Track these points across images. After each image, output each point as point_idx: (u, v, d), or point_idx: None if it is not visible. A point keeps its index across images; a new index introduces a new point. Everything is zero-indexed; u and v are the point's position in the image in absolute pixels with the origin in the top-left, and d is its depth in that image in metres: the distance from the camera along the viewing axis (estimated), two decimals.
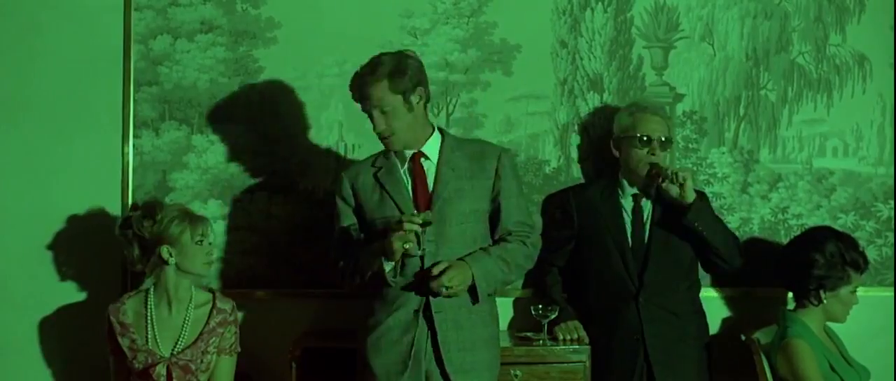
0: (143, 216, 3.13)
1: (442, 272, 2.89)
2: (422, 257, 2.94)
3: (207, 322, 3.15)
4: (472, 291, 2.96)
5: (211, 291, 3.23)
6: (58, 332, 3.62)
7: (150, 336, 3.12)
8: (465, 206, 3.01)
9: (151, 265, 3.15)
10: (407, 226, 2.80)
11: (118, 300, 3.19)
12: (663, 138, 3.36)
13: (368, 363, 2.97)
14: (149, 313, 3.14)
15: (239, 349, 3.22)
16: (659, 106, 3.52)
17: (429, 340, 2.95)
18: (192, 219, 3.14)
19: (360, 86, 2.96)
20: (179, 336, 3.12)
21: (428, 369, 2.95)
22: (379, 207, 3.01)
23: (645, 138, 3.35)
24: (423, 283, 2.92)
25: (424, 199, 3.00)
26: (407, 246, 2.84)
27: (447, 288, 2.88)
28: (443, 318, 2.95)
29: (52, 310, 3.63)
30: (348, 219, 3.08)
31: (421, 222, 2.82)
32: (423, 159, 3.03)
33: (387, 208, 2.99)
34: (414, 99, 2.96)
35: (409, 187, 3.02)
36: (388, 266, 2.88)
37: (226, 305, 3.20)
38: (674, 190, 3.27)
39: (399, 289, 2.96)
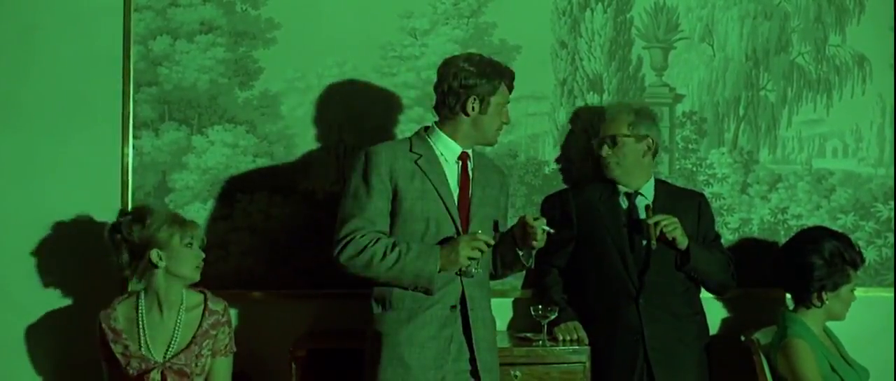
0: (133, 221, 3.12)
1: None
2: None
3: (200, 325, 3.13)
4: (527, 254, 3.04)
5: (202, 292, 3.22)
6: (57, 333, 3.61)
7: (142, 342, 3.11)
8: (490, 212, 3.07)
9: (141, 270, 3.13)
10: (482, 244, 2.87)
11: (109, 306, 3.17)
12: (609, 138, 3.40)
13: (401, 357, 2.91)
14: (140, 319, 3.13)
15: (234, 349, 3.21)
16: (627, 104, 3.53)
17: (462, 336, 2.96)
18: (182, 223, 3.14)
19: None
20: (171, 341, 3.11)
21: (452, 366, 2.94)
22: (420, 197, 2.96)
23: (597, 139, 3.46)
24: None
25: (466, 200, 3.01)
26: (470, 262, 2.89)
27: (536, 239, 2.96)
28: (476, 316, 2.97)
29: (51, 311, 3.62)
30: (382, 201, 2.94)
31: (492, 243, 2.91)
32: (468, 160, 3.07)
33: (429, 200, 2.96)
34: None
35: (455, 183, 3.02)
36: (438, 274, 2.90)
37: (218, 306, 3.18)
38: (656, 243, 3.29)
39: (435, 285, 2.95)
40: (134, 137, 3.64)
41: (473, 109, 3.00)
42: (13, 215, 3.63)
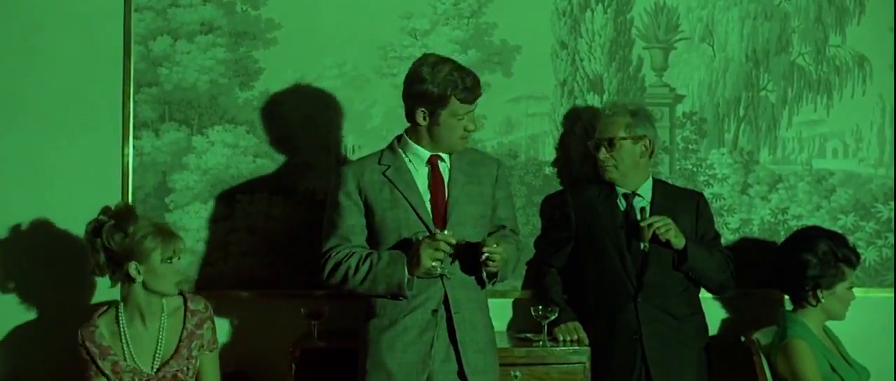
0: (115, 227, 2.98)
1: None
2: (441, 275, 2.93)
3: (184, 327, 3.07)
4: (484, 276, 2.98)
5: (181, 293, 3.14)
6: (58, 333, 3.61)
7: (127, 355, 3.02)
8: (476, 209, 3.02)
9: (118, 278, 3.03)
10: (442, 245, 2.81)
11: (88, 323, 3.06)
12: (607, 140, 3.39)
13: (383, 363, 2.93)
14: (122, 331, 3.04)
15: (217, 343, 3.16)
16: (623, 104, 3.50)
17: (447, 340, 2.94)
18: (165, 237, 3.01)
19: (479, 88, 2.98)
20: (156, 349, 3.04)
21: (438, 368, 2.93)
22: (391, 207, 2.96)
23: (594, 141, 3.44)
24: (441, 282, 2.94)
25: (441, 201, 2.98)
26: (434, 264, 2.84)
27: (493, 260, 2.87)
28: (461, 319, 2.94)
29: (50, 311, 3.62)
30: (353, 217, 2.98)
31: (454, 242, 2.83)
32: (440, 161, 3.02)
33: (400, 209, 2.96)
34: None
35: (427, 189, 3.00)
36: (407, 279, 2.87)
37: (198, 305, 3.12)
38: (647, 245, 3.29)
39: (414, 290, 2.93)
40: (134, 137, 3.64)
41: (424, 119, 2.95)
42: (13, 216, 3.63)
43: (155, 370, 3.03)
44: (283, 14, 3.65)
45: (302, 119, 3.65)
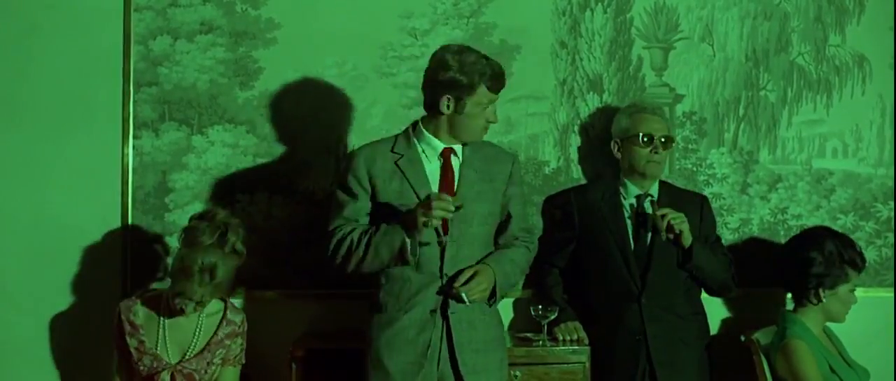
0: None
1: (469, 280, 2.89)
2: (442, 250, 2.92)
3: (216, 333, 3.14)
4: (490, 293, 2.97)
5: (223, 299, 3.21)
6: (56, 333, 3.61)
7: (159, 341, 3.11)
8: (484, 208, 3.00)
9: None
10: (436, 208, 2.76)
11: (130, 299, 3.18)
12: (664, 138, 3.38)
13: (381, 361, 2.94)
14: (162, 318, 3.13)
15: (243, 361, 3.23)
16: (657, 106, 3.53)
17: (444, 340, 2.93)
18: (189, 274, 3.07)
19: (504, 78, 2.99)
20: (190, 344, 3.12)
21: (441, 369, 2.93)
22: (398, 196, 2.95)
23: (646, 138, 3.36)
24: (444, 284, 2.92)
25: (449, 196, 2.96)
26: (433, 223, 2.80)
27: (471, 299, 2.89)
28: (458, 318, 2.93)
29: (50, 311, 3.62)
30: (360, 200, 2.96)
31: (453, 207, 2.79)
32: (452, 155, 3.00)
33: (407, 201, 2.93)
34: None
35: (436, 181, 2.97)
36: (409, 243, 2.84)
37: (236, 317, 3.20)
38: (666, 236, 3.26)
39: (415, 288, 2.93)
40: (134, 137, 3.64)
41: (448, 107, 2.94)
42: (13, 215, 3.62)
43: (177, 361, 3.08)
44: (283, 14, 3.65)
45: (302, 119, 3.64)
